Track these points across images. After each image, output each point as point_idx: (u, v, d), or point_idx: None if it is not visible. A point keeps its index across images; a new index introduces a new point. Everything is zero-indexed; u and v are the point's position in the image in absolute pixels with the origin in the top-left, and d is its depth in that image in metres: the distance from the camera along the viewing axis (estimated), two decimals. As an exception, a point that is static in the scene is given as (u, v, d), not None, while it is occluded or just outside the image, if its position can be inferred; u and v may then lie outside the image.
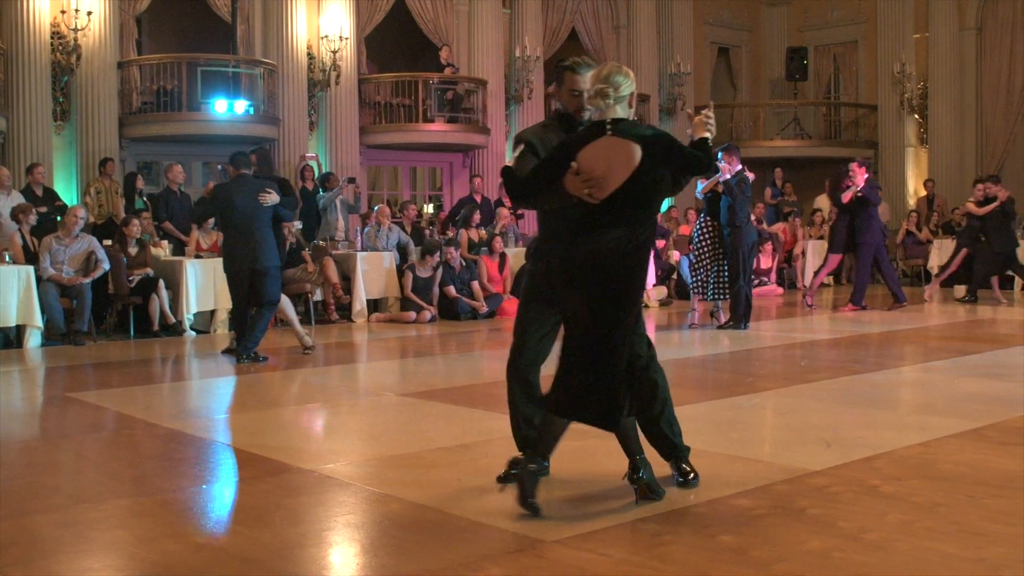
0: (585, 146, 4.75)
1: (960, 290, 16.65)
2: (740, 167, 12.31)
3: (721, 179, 12.12)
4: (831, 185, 14.96)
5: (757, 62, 26.20)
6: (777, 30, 26.16)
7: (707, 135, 5.13)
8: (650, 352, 5.25)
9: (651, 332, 13.17)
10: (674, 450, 5.32)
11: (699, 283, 12.78)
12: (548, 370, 5.11)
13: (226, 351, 10.59)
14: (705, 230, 12.66)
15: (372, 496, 5.25)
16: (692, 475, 5.27)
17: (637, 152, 4.70)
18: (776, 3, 26.06)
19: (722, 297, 12.69)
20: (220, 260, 10.75)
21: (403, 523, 4.75)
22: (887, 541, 4.41)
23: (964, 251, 16.16)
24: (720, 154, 12.05)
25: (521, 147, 5.16)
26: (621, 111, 4.82)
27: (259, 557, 4.30)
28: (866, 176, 14.55)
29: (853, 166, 14.63)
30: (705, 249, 12.64)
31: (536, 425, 5.10)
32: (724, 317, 12.74)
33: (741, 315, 12.46)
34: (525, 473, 4.76)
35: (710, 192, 12.41)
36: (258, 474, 5.70)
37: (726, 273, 12.49)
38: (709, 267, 12.62)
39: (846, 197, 14.42)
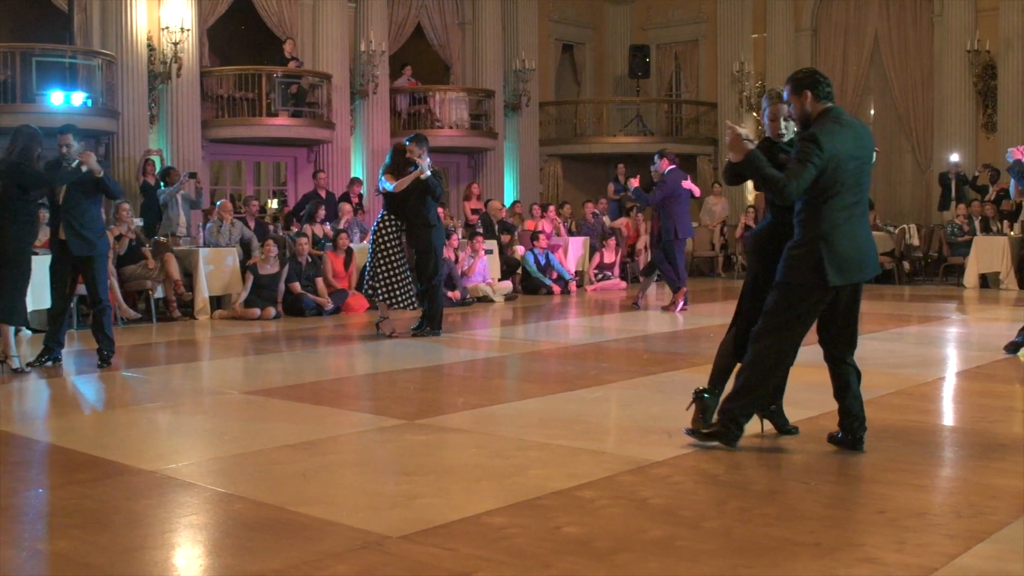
0: None
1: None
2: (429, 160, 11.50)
3: (424, 174, 11.24)
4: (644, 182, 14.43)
5: (601, 59, 26.51)
6: (620, 28, 26.49)
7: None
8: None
9: (484, 329, 13.26)
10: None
11: (389, 289, 11.53)
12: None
13: None
14: (388, 229, 11.54)
15: (215, 496, 5.18)
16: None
17: None
18: (619, 1, 26.38)
19: (412, 305, 11.76)
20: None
21: (247, 522, 4.71)
22: (727, 528, 4.54)
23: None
24: (408, 142, 11.48)
25: None
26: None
27: (98, 561, 4.21)
28: (670, 168, 13.99)
29: (655, 159, 14.14)
30: (390, 251, 11.51)
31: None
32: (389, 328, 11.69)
33: (438, 320, 11.73)
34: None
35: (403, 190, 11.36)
36: (96, 476, 5.57)
37: (409, 278, 11.61)
38: (396, 272, 11.52)
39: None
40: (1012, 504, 4.85)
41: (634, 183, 14.04)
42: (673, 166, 13.99)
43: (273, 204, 21.15)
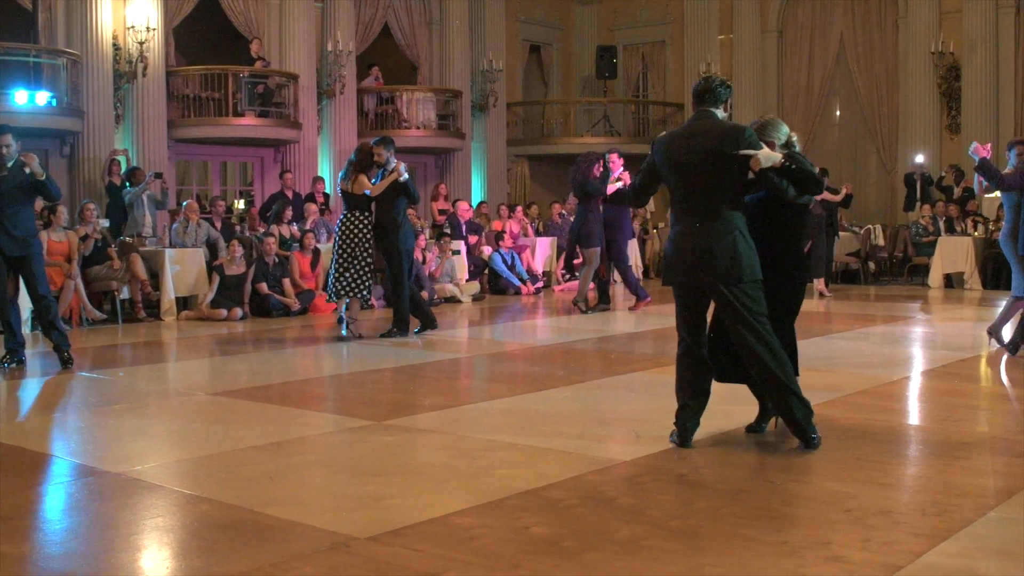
0: None
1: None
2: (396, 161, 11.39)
3: (402, 177, 11.09)
4: (580, 172, 13.81)
5: (568, 60, 26.56)
6: (588, 28, 26.57)
7: None
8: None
9: (452, 330, 13.24)
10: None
11: (352, 285, 11.25)
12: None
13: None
14: (357, 227, 11.25)
15: (182, 498, 5.15)
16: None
17: None
18: (587, 2, 26.45)
19: (364, 297, 11.44)
20: None
21: (214, 524, 4.68)
22: (694, 527, 4.55)
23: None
24: (374, 144, 11.30)
25: None
26: None
27: (65, 565, 4.19)
28: (622, 170, 14.05)
29: (612, 156, 14.03)
30: (359, 248, 11.23)
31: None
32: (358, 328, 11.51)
33: (406, 321, 11.43)
34: None
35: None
36: (62, 479, 5.53)
37: (369, 274, 11.30)
38: (364, 269, 11.23)
39: (611, 189, 13.84)
40: (976, 502, 4.89)
41: (626, 178, 13.85)
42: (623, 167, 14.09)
43: (240, 204, 21.05)
